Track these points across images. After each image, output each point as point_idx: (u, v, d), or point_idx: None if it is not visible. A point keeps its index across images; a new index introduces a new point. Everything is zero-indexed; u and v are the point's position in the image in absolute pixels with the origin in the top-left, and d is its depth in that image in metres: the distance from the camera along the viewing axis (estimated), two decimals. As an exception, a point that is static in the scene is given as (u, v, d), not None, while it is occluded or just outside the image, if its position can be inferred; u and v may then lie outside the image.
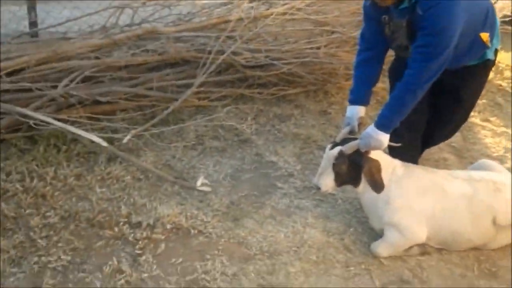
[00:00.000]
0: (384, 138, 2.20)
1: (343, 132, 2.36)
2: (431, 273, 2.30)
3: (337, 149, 2.25)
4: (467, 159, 3.24)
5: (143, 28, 3.36)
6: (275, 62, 3.38)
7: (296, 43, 3.55)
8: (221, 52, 3.22)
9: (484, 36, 2.27)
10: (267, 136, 3.29)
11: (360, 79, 2.41)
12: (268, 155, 3.09)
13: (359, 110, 2.40)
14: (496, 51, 2.42)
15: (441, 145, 3.11)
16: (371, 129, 2.22)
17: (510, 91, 4.27)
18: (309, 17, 3.74)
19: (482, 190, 2.32)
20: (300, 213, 2.62)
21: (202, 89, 3.29)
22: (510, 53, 4.57)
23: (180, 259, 2.26)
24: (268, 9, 3.73)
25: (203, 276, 2.17)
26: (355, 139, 2.29)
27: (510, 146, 3.42)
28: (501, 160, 3.22)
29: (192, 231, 2.42)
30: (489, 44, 2.30)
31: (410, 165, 2.41)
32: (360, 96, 2.41)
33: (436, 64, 2.12)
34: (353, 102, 2.40)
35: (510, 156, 3.30)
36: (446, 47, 2.10)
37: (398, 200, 2.27)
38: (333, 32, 3.69)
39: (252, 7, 3.69)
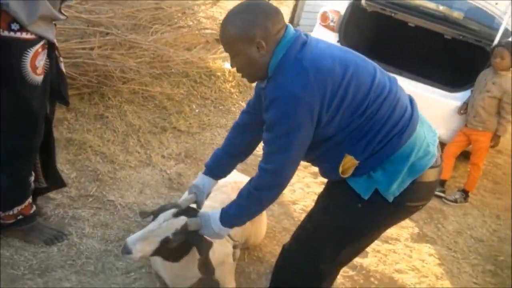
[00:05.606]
0: (224, 232, 1.81)
1: (188, 198, 1.94)
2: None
3: (182, 220, 1.79)
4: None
5: None
6: (42, 61, 3.09)
7: (66, 42, 3.33)
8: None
9: (348, 161, 1.66)
10: (35, 142, 2.99)
11: (225, 145, 1.97)
12: (37, 164, 2.81)
13: (210, 183, 1.98)
14: (387, 193, 1.67)
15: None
16: (214, 222, 1.78)
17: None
18: (81, 15, 3.56)
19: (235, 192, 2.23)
20: (76, 224, 2.47)
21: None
22: None
23: None
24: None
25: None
26: (196, 211, 1.91)
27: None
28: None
29: None
30: (341, 173, 1.68)
31: None
32: (216, 167, 1.98)
33: (278, 169, 1.64)
34: (206, 171, 1.98)
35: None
36: (281, 148, 1.61)
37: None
38: (107, 34, 3.58)
39: None
